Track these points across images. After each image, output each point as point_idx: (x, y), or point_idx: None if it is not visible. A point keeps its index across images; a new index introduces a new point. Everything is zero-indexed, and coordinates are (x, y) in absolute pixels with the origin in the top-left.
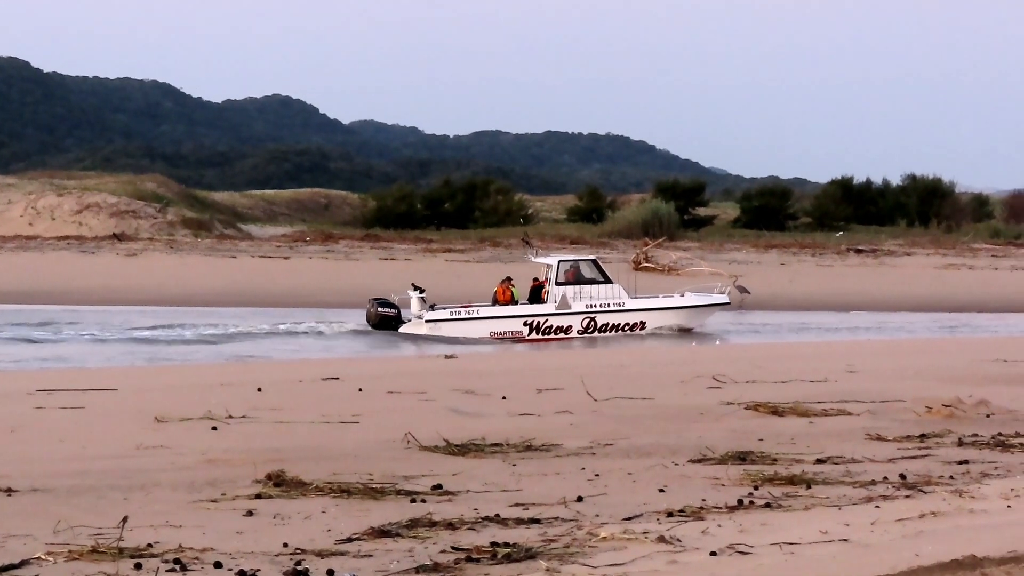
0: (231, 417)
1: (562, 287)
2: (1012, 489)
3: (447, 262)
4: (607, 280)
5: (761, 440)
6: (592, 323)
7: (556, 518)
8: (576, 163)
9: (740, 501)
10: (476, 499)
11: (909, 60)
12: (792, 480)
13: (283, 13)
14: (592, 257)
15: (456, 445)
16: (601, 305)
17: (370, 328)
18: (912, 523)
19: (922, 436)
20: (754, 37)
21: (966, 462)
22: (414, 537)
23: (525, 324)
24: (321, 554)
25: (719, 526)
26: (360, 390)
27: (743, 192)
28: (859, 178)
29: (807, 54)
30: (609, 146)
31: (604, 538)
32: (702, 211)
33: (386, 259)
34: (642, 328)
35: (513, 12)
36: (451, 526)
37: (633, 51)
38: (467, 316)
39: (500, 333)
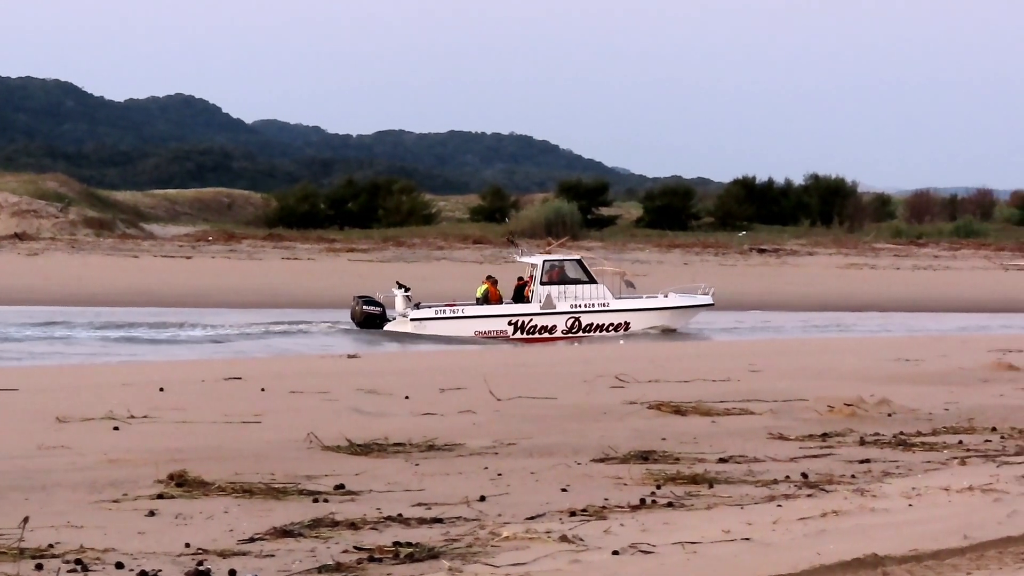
0: (133, 417)
1: (547, 287)
2: (913, 488)
3: (350, 262)
4: (592, 280)
5: (664, 439)
6: (577, 323)
7: (459, 518)
8: (479, 163)
9: (643, 500)
10: (379, 499)
11: (809, 61)
12: (694, 479)
13: (186, 12)
14: (577, 257)
15: (359, 445)
16: (586, 305)
17: (355, 326)
18: (814, 522)
19: (824, 435)
20: (655, 36)
21: (868, 461)
22: (316, 537)
23: (510, 323)
24: (223, 554)
25: (621, 525)
26: (263, 390)
27: (646, 192)
28: (762, 178)
29: (709, 54)
30: (512, 146)
31: (507, 537)
32: (605, 211)
33: (289, 259)
34: (626, 328)
35: (415, 12)
36: (353, 526)
37: (536, 50)
38: (452, 315)
39: (485, 332)
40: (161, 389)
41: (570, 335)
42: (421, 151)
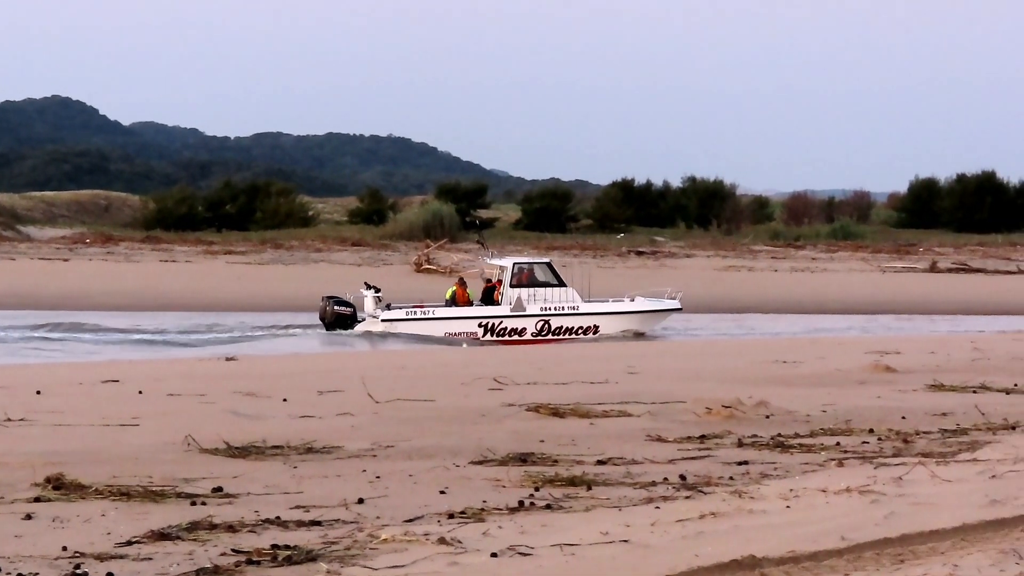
0: (9, 420)
1: (516, 289)
2: (791, 489)
3: (228, 264)
4: (561, 283)
5: (542, 441)
6: (546, 326)
7: (337, 520)
8: (358, 165)
9: (521, 502)
10: (257, 501)
11: (687, 63)
12: (573, 481)
13: (64, 13)
14: (547, 260)
15: (237, 447)
16: (556, 308)
17: (324, 327)
18: (692, 524)
19: (702, 437)
20: (530, 37)
21: (746, 463)
22: (194, 540)
23: (480, 325)
24: (100, 557)
25: (500, 527)
26: (140, 392)
27: (524, 194)
28: (640, 180)
29: (587, 56)
30: (391, 148)
31: (385, 540)
32: (484, 213)
33: (167, 261)
34: (595, 332)
35: (293, 14)
36: (232, 528)
37: (413, 52)
38: (423, 316)
39: (455, 334)
40: (38, 392)
41: (540, 338)
42: (299, 153)
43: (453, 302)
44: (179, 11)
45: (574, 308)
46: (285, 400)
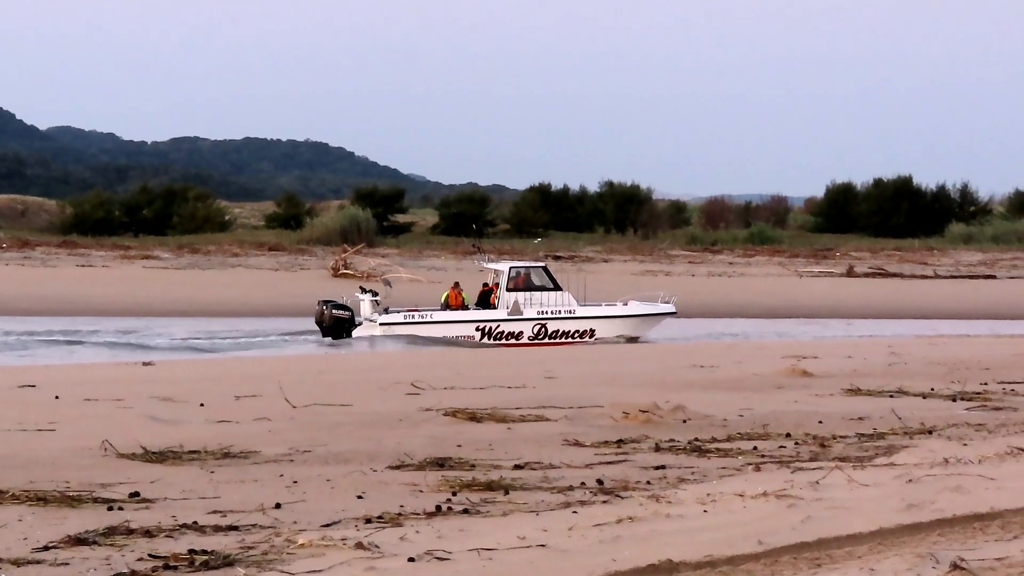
0: None
1: (513, 293)
2: (708, 494)
3: (145, 269)
4: (557, 287)
5: (459, 446)
6: (543, 330)
7: (254, 525)
8: (275, 169)
9: (438, 507)
10: (174, 506)
11: (604, 69)
12: (490, 486)
13: None
14: (542, 264)
15: (154, 452)
16: (552, 312)
17: (321, 332)
18: (609, 528)
19: (619, 441)
20: (449, 43)
21: (663, 467)
22: (111, 545)
23: (477, 329)
24: (17, 563)
25: (417, 532)
26: (57, 397)
27: (442, 199)
28: (557, 185)
29: (503, 61)
30: (308, 152)
31: (302, 545)
32: (401, 218)
33: (84, 266)
34: (591, 336)
35: (210, 16)
36: (149, 534)
37: (331, 57)
38: (421, 320)
39: (452, 337)
40: None
41: (536, 341)
42: (216, 158)
43: (447, 306)
44: (96, 16)
45: (570, 312)
46: (202, 405)
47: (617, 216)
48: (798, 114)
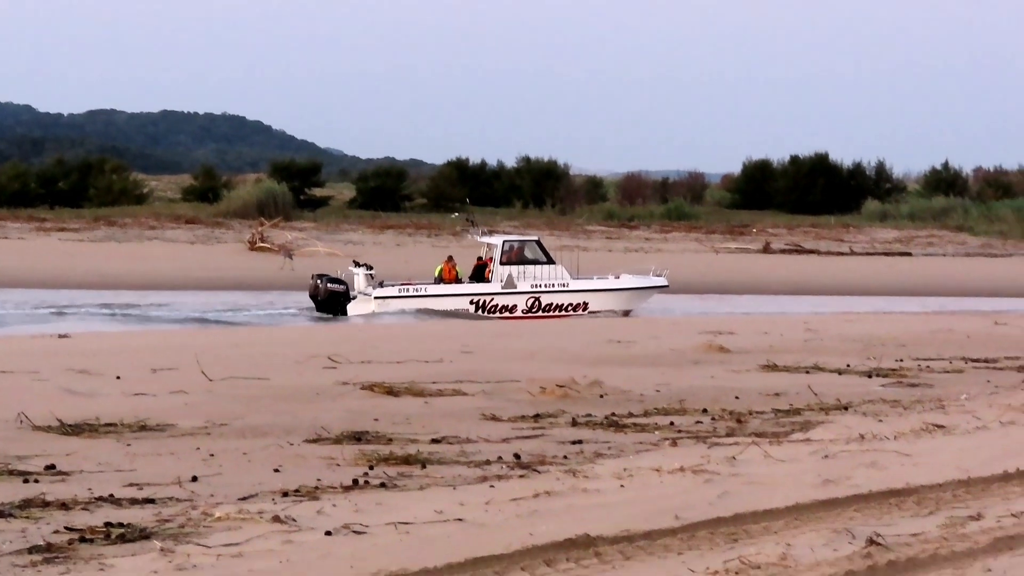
0: None
1: (507, 267)
2: (625, 469)
3: (60, 241)
4: (551, 261)
5: (376, 420)
6: (537, 303)
7: (171, 498)
8: (192, 142)
9: (355, 481)
10: (90, 479)
11: (519, 45)
12: (407, 460)
13: None
14: (535, 238)
15: (70, 425)
16: (546, 285)
17: (316, 306)
18: (526, 502)
19: (536, 416)
20: (365, 17)
21: (580, 442)
22: (27, 518)
23: (471, 302)
24: None
25: (334, 506)
26: None
27: (359, 173)
28: (475, 160)
29: (418, 36)
30: (225, 126)
31: (219, 518)
32: (318, 192)
33: None
34: (584, 309)
35: None
36: (65, 506)
37: (248, 30)
38: (415, 294)
39: (447, 311)
40: None
41: (530, 315)
42: (133, 131)
43: (441, 279)
44: None
45: (564, 285)
46: (119, 378)
47: (534, 191)
48: (715, 91)
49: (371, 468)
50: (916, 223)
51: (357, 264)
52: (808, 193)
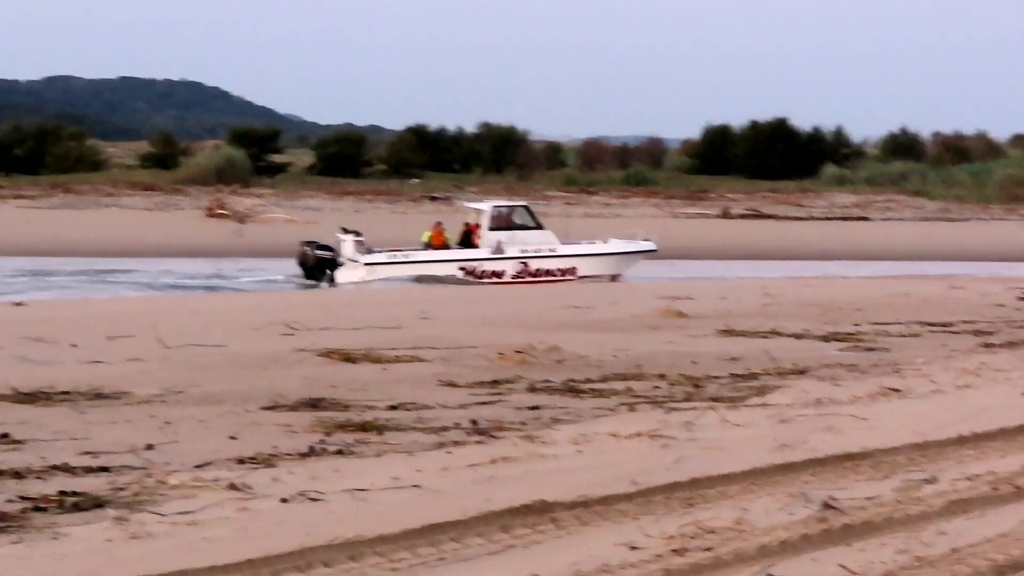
0: None
1: (495, 232)
2: (582, 434)
3: (17, 208)
4: (539, 226)
5: (334, 387)
6: (525, 268)
7: (126, 466)
8: (150, 109)
9: (312, 448)
10: (44, 448)
11: (479, 11)
12: (364, 427)
13: None
14: (524, 203)
15: (24, 393)
16: (535, 251)
17: (304, 273)
18: (483, 469)
19: (494, 382)
20: None
21: (537, 408)
22: None
23: (460, 268)
24: None
25: (291, 473)
26: None
27: (318, 139)
28: (434, 126)
29: (375, 1)
30: (184, 92)
31: (174, 486)
32: (277, 158)
33: None
34: (573, 274)
35: None
36: (18, 475)
37: None
38: (404, 260)
39: (437, 276)
40: None
41: (519, 280)
42: (91, 97)
43: (429, 245)
44: None
45: (552, 250)
46: (74, 346)
47: (494, 157)
48: (675, 56)
49: (328, 435)
50: (874, 188)
51: (346, 231)
52: (767, 158)
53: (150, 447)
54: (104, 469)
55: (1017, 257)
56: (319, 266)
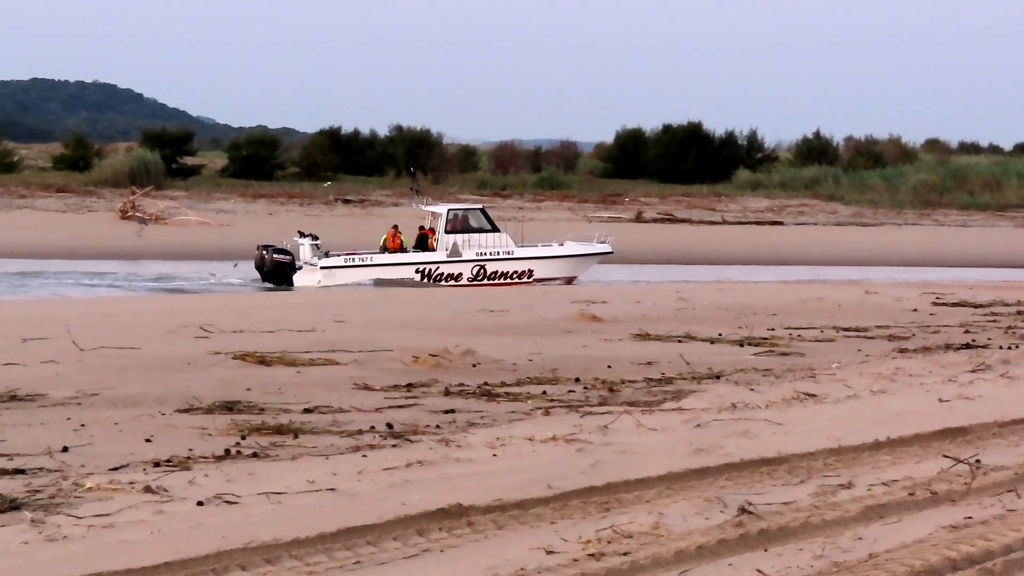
0: None
1: (452, 235)
2: (498, 438)
3: None
4: (495, 229)
5: (249, 390)
6: (482, 271)
7: (41, 469)
8: (63, 111)
9: (227, 451)
10: None
11: (393, 13)
12: (280, 430)
13: None
14: (480, 206)
15: None
16: (491, 253)
17: (262, 277)
18: (399, 472)
19: (409, 385)
20: None
21: (453, 411)
22: None
23: (417, 271)
24: None
25: (206, 476)
26: None
27: (231, 141)
28: (347, 129)
29: (287, 4)
30: (97, 94)
31: (90, 488)
32: (190, 160)
33: None
34: (529, 276)
35: None
36: None
37: None
38: (361, 263)
39: (393, 280)
40: None
41: (476, 282)
42: (2, 98)
43: (386, 248)
44: None
45: (509, 253)
46: None
47: (408, 160)
48: (588, 59)
49: (243, 438)
50: (788, 192)
51: (302, 234)
52: (680, 162)
53: (65, 449)
54: (20, 471)
55: (931, 262)
56: (276, 270)
